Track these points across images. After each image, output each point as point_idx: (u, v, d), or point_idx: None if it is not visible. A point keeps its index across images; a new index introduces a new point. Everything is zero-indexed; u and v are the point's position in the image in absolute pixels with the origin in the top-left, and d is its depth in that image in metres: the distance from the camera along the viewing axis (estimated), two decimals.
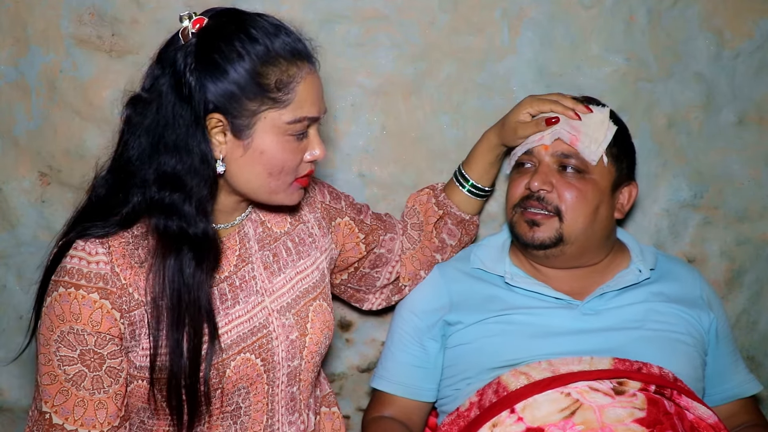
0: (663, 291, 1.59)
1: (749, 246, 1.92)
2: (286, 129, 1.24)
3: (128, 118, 1.25)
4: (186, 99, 1.20)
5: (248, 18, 1.25)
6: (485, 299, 1.59)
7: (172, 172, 1.22)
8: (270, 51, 1.22)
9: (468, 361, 1.55)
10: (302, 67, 1.25)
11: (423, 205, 1.68)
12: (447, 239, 1.68)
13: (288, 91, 1.23)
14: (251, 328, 1.34)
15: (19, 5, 1.71)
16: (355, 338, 1.91)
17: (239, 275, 1.35)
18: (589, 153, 1.52)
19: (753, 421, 1.61)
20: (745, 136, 1.86)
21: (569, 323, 1.53)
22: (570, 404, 1.36)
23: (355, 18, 1.74)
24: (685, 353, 1.52)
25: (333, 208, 1.54)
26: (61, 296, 1.21)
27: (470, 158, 1.66)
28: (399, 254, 1.65)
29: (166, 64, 1.22)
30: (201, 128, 1.21)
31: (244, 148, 1.24)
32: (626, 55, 1.79)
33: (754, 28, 1.81)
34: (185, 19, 1.22)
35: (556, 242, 1.53)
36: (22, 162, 1.77)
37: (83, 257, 1.22)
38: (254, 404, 1.35)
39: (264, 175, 1.26)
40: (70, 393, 1.22)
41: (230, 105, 1.21)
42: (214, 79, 1.20)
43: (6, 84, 1.74)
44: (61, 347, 1.21)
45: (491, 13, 1.75)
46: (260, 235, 1.40)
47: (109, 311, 1.22)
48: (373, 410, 1.65)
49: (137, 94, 1.25)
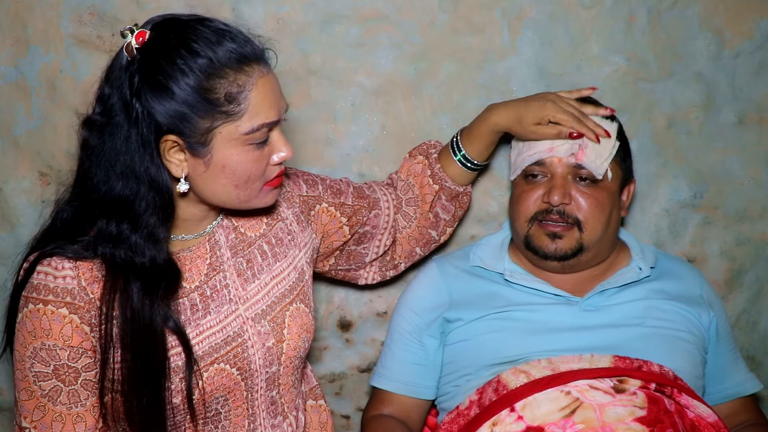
0: (663, 288, 1.59)
1: (749, 246, 1.92)
2: (245, 139, 1.19)
3: (85, 142, 1.21)
4: (134, 122, 1.15)
5: (189, 28, 1.18)
6: (485, 296, 1.59)
7: (119, 199, 1.19)
8: (214, 63, 1.16)
9: (467, 357, 1.55)
10: (252, 73, 1.19)
11: (417, 176, 1.62)
12: (441, 213, 1.64)
13: (240, 102, 1.17)
14: (225, 337, 1.31)
15: (19, 5, 1.71)
16: (355, 338, 1.91)
17: (210, 285, 1.32)
18: (595, 168, 1.51)
19: (753, 419, 1.61)
20: (745, 136, 1.86)
21: (569, 320, 1.53)
22: (570, 403, 1.36)
23: (355, 18, 1.74)
24: (685, 351, 1.52)
25: (310, 197, 1.50)
26: (31, 312, 1.20)
27: (470, 134, 1.59)
28: (384, 228, 1.60)
29: (114, 85, 1.18)
30: (150, 152, 1.17)
31: (205, 165, 1.20)
32: (626, 55, 1.79)
33: (754, 28, 1.81)
34: (128, 34, 1.17)
35: (576, 252, 1.53)
36: (22, 162, 1.77)
37: (50, 272, 1.21)
38: (234, 410, 1.34)
39: (230, 188, 1.23)
40: (47, 408, 1.22)
41: (182, 125, 1.16)
42: (160, 100, 1.15)
43: (6, 84, 1.74)
44: (35, 363, 1.20)
45: (491, 13, 1.75)
46: (233, 242, 1.37)
47: (79, 326, 1.21)
48: (373, 408, 1.65)
49: (90, 117, 1.21)
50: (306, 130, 1.78)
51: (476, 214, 1.84)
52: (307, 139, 1.79)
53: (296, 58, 1.74)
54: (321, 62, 1.75)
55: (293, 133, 1.78)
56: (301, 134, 1.78)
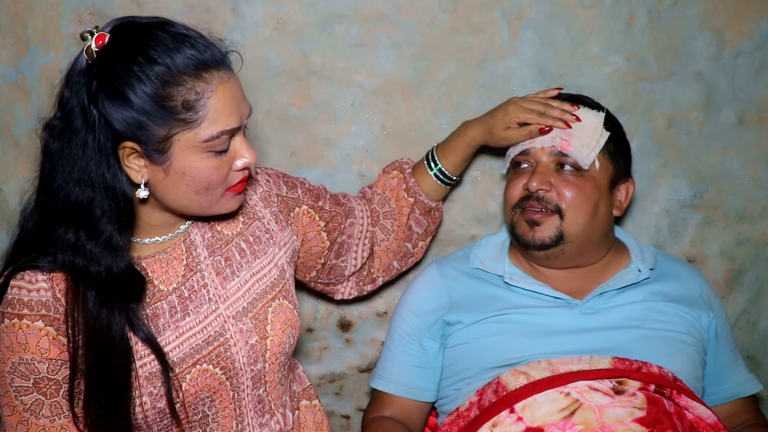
0: (663, 290, 1.59)
1: (749, 246, 1.92)
2: (205, 147, 1.18)
3: (46, 147, 1.19)
4: (91, 128, 1.14)
5: (147, 34, 1.16)
6: (485, 299, 1.59)
7: (76, 206, 1.17)
8: (171, 70, 1.14)
9: (468, 360, 1.55)
10: (211, 79, 1.17)
11: (393, 190, 1.65)
12: (414, 227, 1.65)
13: (198, 109, 1.15)
14: (206, 338, 1.31)
15: (19, 5, 1.70)
16: (355, 338, 1.91)
17: (188, 285, 1.31)
18: (581, 158, 1.52)
19: (753, 420, 1.61)
20: (745, 136, 1.86)
21: (569, 322, 1.53)
22: (570, 404, 1.36)
23: (355, 18, 1.74)
24: (684, 352, 1.52)
25: (290, 199, 1.49)
26: (7, 327, 1.20)
27: (446, 149, 1.63)
28: (359, 238, 1.61)
29: (73, 89, 1.16)
30: (107, 158, 1.15)
31: (165, 172, 1.19)
32: (626, 55, 1.79)
33: (754, 28, 1.81)
34: (88, 36, 1.15)
35: (557, 241, 1.53)
36: (22, 162, 1.77)
37: (23, 286, 1.20)
38: (221, 411, 1.34)
39: (191, 194, 1.22)
40: (30, 423, 1.22)
41: (139, 132, 1.14)
42: (117, 107, 1.13)
43: (6, 84, 1.74)
44: (15, 378, 1.20)
45: (491, 13, 1.75)
46: (209, 241, 1.36)
47: (56, 337, 1.20)
48: (373, 410, 1.65)
49: (50, 121, 1.19)
50: (306, 130, 1.79)
51: (476, 214, 1.84)
52: (307, 139, 1.79)
53: (296, 58, 1.74)
54: (321, 62, 1.75)
55: (293, 132, 1.78)
56: (301, 134, 1.79)
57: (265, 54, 1.73)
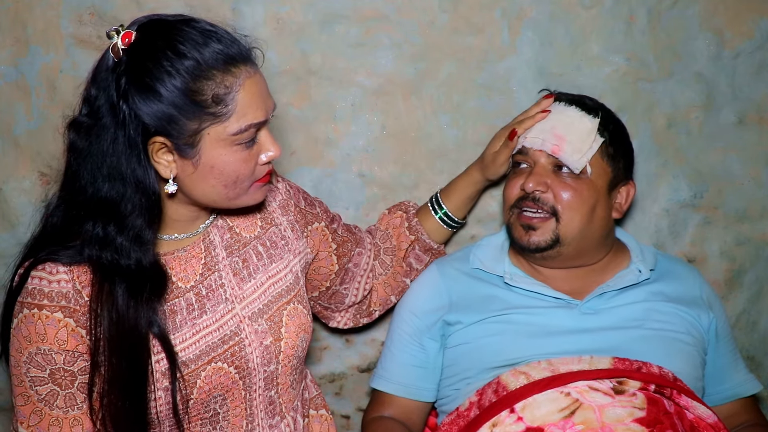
0: (663, 290, 1.59)
1: (749, 246, 1.92)
2: (233, 140, 1.20)
3: (72, 144, 1.21)
4: (121, 124, 1.15)
5: (175, 30, 1.18)
6: (485, 299, 1.59)
7: (106, 201, 1.18)
8: (201, 64, 1.16)
9: (468, 360, 1.55)
10: (239, 73, 1.19)
11: (396, 228, 1.68)
12: (414, 263, 1.69)
13: (227, 103, 1.17)
14: (221, 336, 1.32)
15: (19, 5, 1.70)
16: (355, 338, 1.91)
17: (206, 284, 1.33)
18: (572, 162, 1.52)
19: (753, 420, 1.61)
20: (745, 136, 1.86)
21: (569, 323, 1.53)
22: (570, 404, 1.36)
23: (355, 18, 1.74)
24: (684, 353, 1.52)
25: (309, 213, 1.52)
26: (26, 317, 1.20)
27: (450, 189, 1.68)
28: (364, 269, 1.64)
29: (101, 86, 1.17)
30: (137, 154, 1.17)
31: (194, 166, 1.20)
32: (626, 55, 1.79)
33: (754, 28, 1.81)
34: (114, 35, 1.16)
35: (553, 244, 1.53)
36: (22, 162, 1.77)
37: (44, 277, 1.21)
38: (232, 410, 1.35)
39: (220, 187, 1.23)
40: (43, 413, 1.22)
41: (169, 127, 1.16)
42: (147, 102, 1.14)
43: (6, 84, 1.74)
44: (31, 368, 1.21)
45: (491, 13, 1.75)
46: (228, 242, 1.37)
47: (74, 329, 1.21)
48: (373, 410, 1.65)
49: (77, 119, 1.20)
50: (306, 130, 1.79)
51: (476, 214, 1.84)
52: (307, 139, 1.79)
53: (296, 58, 1.74)
54: (321, 62, 1.75)
55: (293, 132, 1.78)
56: (301, 134, 1.79)
57: (265, 54, 1.73)
